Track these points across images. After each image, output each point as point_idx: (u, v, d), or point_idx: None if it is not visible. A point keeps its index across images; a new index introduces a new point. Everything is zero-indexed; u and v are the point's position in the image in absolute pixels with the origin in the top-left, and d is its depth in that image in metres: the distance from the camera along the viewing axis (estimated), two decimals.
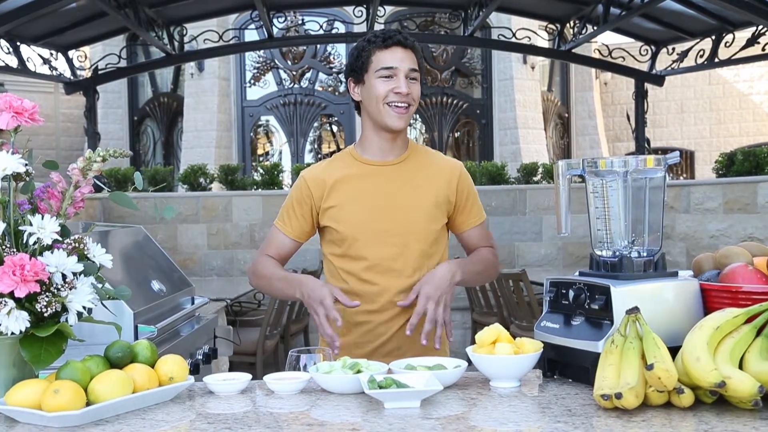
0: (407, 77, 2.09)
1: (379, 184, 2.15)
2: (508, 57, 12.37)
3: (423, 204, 2.14)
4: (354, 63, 2.15)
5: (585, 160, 1.72)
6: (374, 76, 2.10)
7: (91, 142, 7.96)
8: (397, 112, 2.10)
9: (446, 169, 2.21)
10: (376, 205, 2.13)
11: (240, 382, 1.66)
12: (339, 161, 2.23)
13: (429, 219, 2.15)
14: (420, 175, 2.18)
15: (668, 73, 8.51)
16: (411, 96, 2.10)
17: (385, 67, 2.09)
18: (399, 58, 2.09)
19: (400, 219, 2.13)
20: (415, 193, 2.15)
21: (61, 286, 1.45)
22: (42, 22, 6.76)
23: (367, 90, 2.13)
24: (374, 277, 2.11)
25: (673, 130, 15.18)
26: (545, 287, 1.77)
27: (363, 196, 2.14)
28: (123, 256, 2.81)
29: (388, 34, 2.12)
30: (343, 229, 2.14)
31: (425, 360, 1.74)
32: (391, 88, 2.08)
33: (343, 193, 2.16)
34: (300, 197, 2.20)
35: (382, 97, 2.09)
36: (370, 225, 2.12)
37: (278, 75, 13.02)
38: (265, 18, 7.50)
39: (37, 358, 1.44)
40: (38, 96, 12.48)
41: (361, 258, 2.12)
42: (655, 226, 1.71)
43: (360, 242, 2.12)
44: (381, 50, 2.10)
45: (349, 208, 2.14)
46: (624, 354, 1.48)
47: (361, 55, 2.12)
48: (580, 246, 7.62)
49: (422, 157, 2.22)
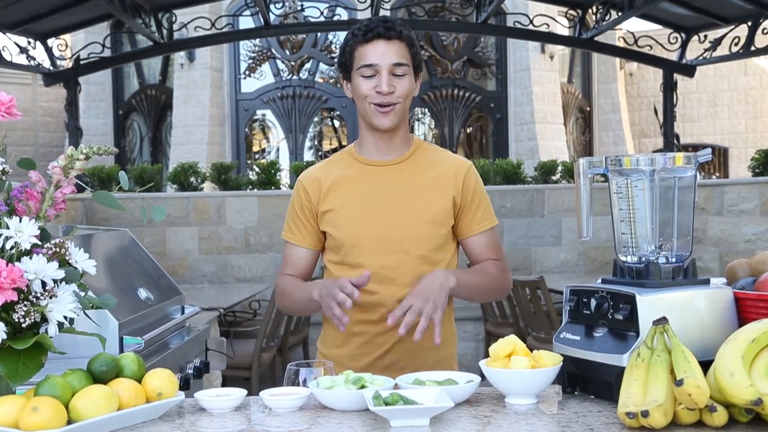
0: (391, 73, 2.08)
1: (378, 186, 2.16)
2: (524, 46, 12.36)
3: (425, 207, 2.14)
4: (341, 59, 2.16)
5: (608, 158, 1.72)
6: (357, 74, 2.11)
7: (73, 139, 7.98)
8: (381, 111, 2.10)
9: (452, 168, 2.19)
10: (374, 209, 2.14)
11: (234, 398, 1.66)
12: (337, 161, 2.24)
13: (432, 223, 2.14)
14: (423, 175, 2.17)
15: (700, 62, 8.49)
16: (395, 94, 2.09)
17: (366, 65, 2.08)
18: (380, 53, 2.07)
19: (399, 224, 2.12)
20: (416, 196, 2.14)
21: (40, 294, 1.46)
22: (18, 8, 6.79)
23: (354, 88, 2.14)
24: (373, 286, 2.10)
25: (704, 124, 15.15)
26: (565, 295, 1.77)
27: (361, 200, 2.15)
28: (107, 261, 2.82)
29: (369, 25, 2.10)
30: (340, 235, 2.14)
31: (435, 374, 1.74)
32: (373, 87, 2.08)
33: (339, 195, 2.16)
34: (300, 203, 2.21)
35: (364, 97, 2.10)
36: (367, 231, 2.13)
37: (275, 65, 13.04)
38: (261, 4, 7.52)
39: (14, 373, 1.45)
40: (14, 88, 12.51)
41: (359, 266, 2.12)
42: (685, 230, 1.71)
43: (357, 249, 2.13)
44: (362, 45, 2.09)
45: (345, 213, 2.15)
46: (651, 368, 1.48)
47: (345, 50, 2.13)
48: (602, 251, 7.61)
49: (426, 156, 2.21)
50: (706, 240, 7.34)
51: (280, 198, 7.65)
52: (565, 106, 13.28)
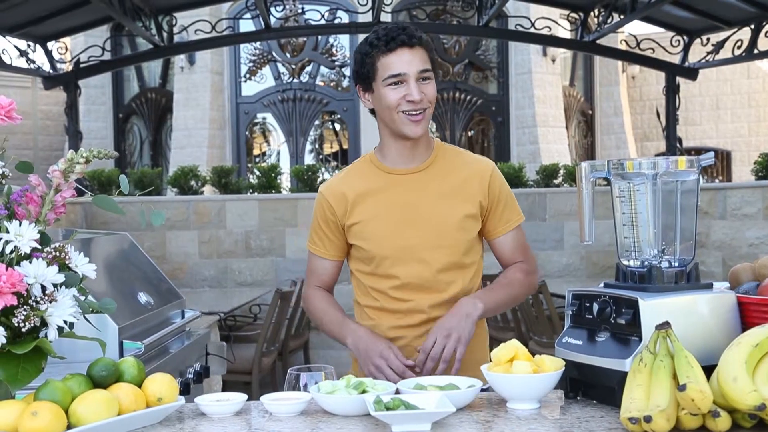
0: (419, 79, 2.07)
1: (404, 196, 2.15)
2: (526, 49, 12.37)
3: (453, 214, 2.14)
4: (360, 70, 2.13)
5: (611, 162, 1.72)
6: (383, 85, 2.09)
7: (73, 142, 7.99)
8: (414, 120, 2.09)
9: (476, 171, 2.19)
10: (402, 220, 2.14)
11: (234, 403, 1.66)
12: (358, 171, 2.24)
13: (460, 230, 2.15)
14: (448, 181, 2.17)
15: (702, 65, 8.49)
16: (426, 99, 2.08)
17: (393, 75, 2.07)
18: (407, 61, 2.07)
19: (429, 233, 2.13)
20: (443, 203, 2.14)
21: (40, 298, 1.46)
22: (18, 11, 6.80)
23: (378, 99, 2.12)
24: (406, 295, 2.14)
25: (707, 128, 15.15)
26: (567, 300, 1.77)
27: (388, 211, 2.15)
28: (107, 265, 2.82)
29: (390, 34, 2.08)
30: (370, 248, 2.15)
31: (436, 379, 1.74)
32: (403, 96, 2.07)
33: (366, 208, 2.16)
34: (324, 217, 2.22)
35: (394, 107, 2.08)
36: (397, 242, 2.13)
37: (276, 69, 13.05)
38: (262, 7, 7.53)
39: (14, 377, 1.45)
40: (14, 91, 12.53)
41: (392, 277, 2.15)
42: (688, 234, 1.71)
43: (389, 260, 2.14)
44: (385, 55, 2.07)
45: (374, 225, 2.15)
46: (654, 373, 1.48)
47: (366, 61, 2.10)
48: (605, 255, 7.61)
49: (450, 160, 2.20)
50: (709, 244, 7.34)
51: (280, 202, 7.65)
52: (567, 109, 13.28)
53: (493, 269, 2.43)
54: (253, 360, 5.48)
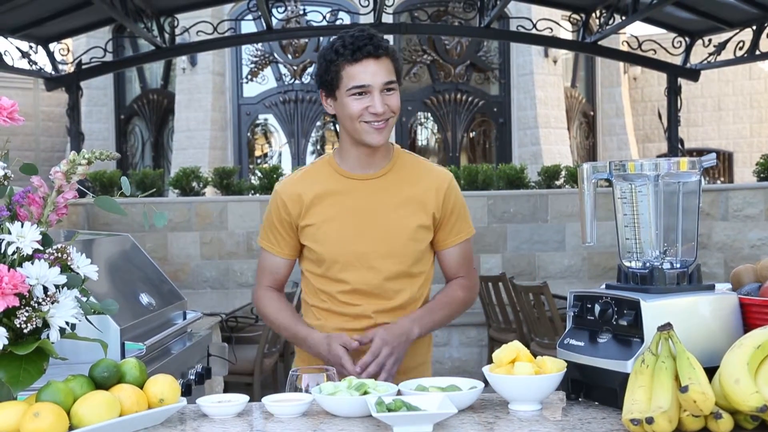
0: (383, 91, 2.06)
1: (359, 202, 2.16)
2: (528, 50, 12.37)
3: (406, 223, 2.15)
4: (323, 76, 2.11)
5: (612, 163, 1.72)
6: (346, 94, 2.07)
7: (74, 143, 7.99)
8: (375, 128, 2.08)
9: (434, 182, 2.20)
10: (355, 225, 2.15)
11: (236, 404, 1.66)
12: (316, 172, 2.23)
13: (412, 240, 2.16)
14: (404, 190, 2.17)
15: (704, 66, 8.49)
16: (389, 111, 2.08)
17: (357, 86, 2.05)
18: (372, 72, 2.05)
19: (381, 241, 2.14)
20: (398, 212, 2.16)
21: (42, 299, 1.46)
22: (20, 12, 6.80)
23: (340, 106, 2.11)
24: (353, 300, 2.16)
25: (709, 129, 15.14)
26: (569, 301, 1.77)
27: (342, 215, 2.15)
28: (109, 266, 2.82)
29: (357, 43, 2.05)
30: (322, 251, 2.16)
31: (438, 380, 1.74)
32: (366, 107, 2.06)
33: (320, 210, 2.16)
34: (279, 216, 2.21)
35: (356, 117, 2.08)
36: (349, 247, 2.14)
37: (278, 70, 13.05)
38: (264, 8, 7.53)
39: (16, 379, 1.45)
40: (16, 92, 12.55)
41: (341, 281, 2.16)
42: (690, 235, 1.71)
43: (339, 265, 2.15)
44: (351, 65, 2.05)
45: (327, 229, 2.16)
46: (656, 375, 1.48)
47: (330, 68, 2.08)
48: (606, 256, 7.60)
49: (407, 169, 2.21)
50: (710, 245, 7.33)
51: None
52: (569, 110, 13.27)
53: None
54: (255, 361, 5.48)
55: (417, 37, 12.44)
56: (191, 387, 2.75)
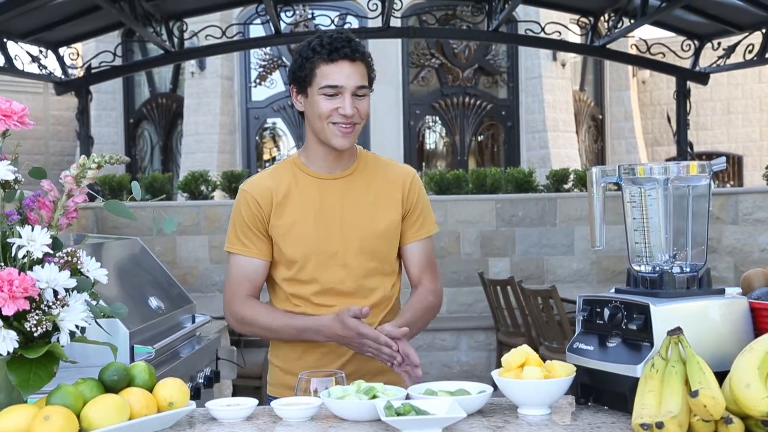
0: (354, 94, 2.08)
1: (328, 201, 2.16)
2: (536, 53, 12.36)
3: (376, 220, 2.16)
4: (297, 72, 2.12)
5: (621, 167, 1.72)
6: (317, 92, 2.08)
7: (84, 147, 8.02)
8: (342, 132, 2.09)
9: (397, 178, 2.22)
10: (327, 224, 2.14)
11: (245, 407, 1.67)
12: (283, 171, 2.21)
13: (383, 236, 2.17)
14: (370, 188, 2.19)
15: (713, 70, 8.46)
16: (357, 115, 2.09)
17: (330, 86, 2.07)
18: (346, 74, 2.07)
19: (352, 239, 2.14)
20: (367, 210, 2.16)
21: (52, 303, 1.46)
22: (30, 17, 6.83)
23: (310, 104, 2.12)
24: (328, 300, 2.15)
25: (718, 132, 15.10)
26: (578, 305, 1.77)
27: (312, 215, 2.15)
28: (118, 270, 2.83)
29: (335, 44, 2.07)
30: (292, 252, 2.14)
31: (447, 385, 1.74)
32: (335, 108, 2.07)
33: (289, 210, 2.15)
34: (251, 214, 2.16)
35: (325, 117, 2.09)
36: (320, 246, 2.13)
37: (286, 74, 13.06)
38: (272, 12, 7.55)
39: (26, 382, 1.45)
40: (26, 97, 12.60)
41: (312, 281, 2.15)
42: (699, 239, 1.71)
43: (311, 265, 2.13)
44: (326, 64, 2.07)
45: (297, 229, 2.14)
46: (665, 379, 1.47)
47: (305, 65, 2.09)
48: (615, 260, 7.58)
49: (371, 168, 2.22)
50: (720, 249, 7.31)
51: None
52: (577, 114, 13.25)
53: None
54: (263, 365, 5.48)
55: (425, 41, 12.45)
56: (200, 390, 2.75)
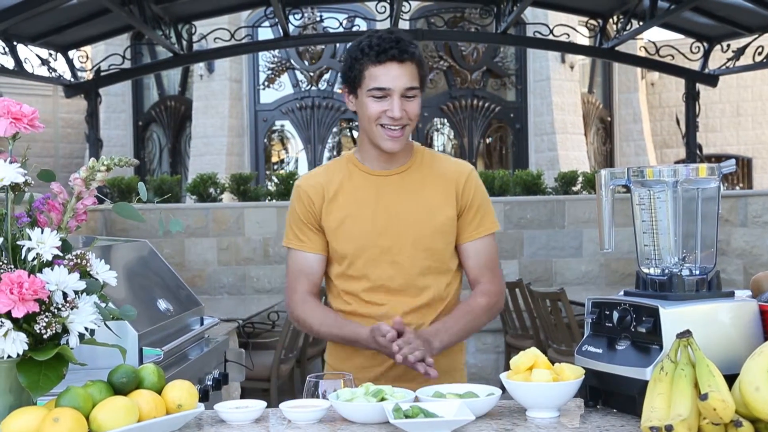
0: (403, 96, 2.05)
1: (381, 197, 2.14)
2: (544, 56, 12.35)
3: (429, 217, 2.13)
4: (347, 72, 2.12)
5: (630, 169, 1.72)
6: (366, 94, 2.07)
7: (93, 150, 8.05)
8: (391, 136, 2.07)
9: (453, 174, 2.18)
10: (379, 220, 2.13)
11: (254, 410, 1.67)
12: (337, 168, 2.21)
13: (436, 233, 2.14)
14: (426, 185, 2.16)
15: (722, 72, 8.44)
16: (406, 117, 2.07)
17: (378, 88, 2.05)
18: (394, 76, 2.04)
19: (405, 235, 2.12)
20: (420, 206, 2.14)
21: (61, 305, 1.47)
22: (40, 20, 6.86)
23: (360, 105, 2.11)
24: (378, 298, 2.13)
25: (727, 135, 15.05)
26: (587, 308, 1.76)
27: (364, 211, 2.14)
28: (127, 272, 2.84)
29: (383, 46, 2.05)
30: (343, 247, 2.14)
31: (455, 387, 1.73)
32: (384, 110, 2.06)
33: (342, 206, 2.15)
34: (304, 210, 2.18)
35: (374, 119, 2.07)
36: (371, 242, 2.12)
37: (294, 76, 13.10)
38: (281, 14, 7.56)
39: (36, 384, 1.46)
40: (36, 99, 12.66)
41: (363, 277, 2.13)
42: (709, 242, 1.70)
43: (361, 261, 2.13)
44: (374, 65, 2.05)
45: (349, 224, 2.13)
46: (675, 382, 1.47)
47: (354, 66, 2.08)
48: (624, 263, 7.56)
49: (428, 165, 2.20)
50: (730, 252, 7.28)
51: None
52: (586, 116, 13.23)
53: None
54: (272, 367, 5.49)
55: (433, 44, 12.45)
56: (208, 393, 2.75)
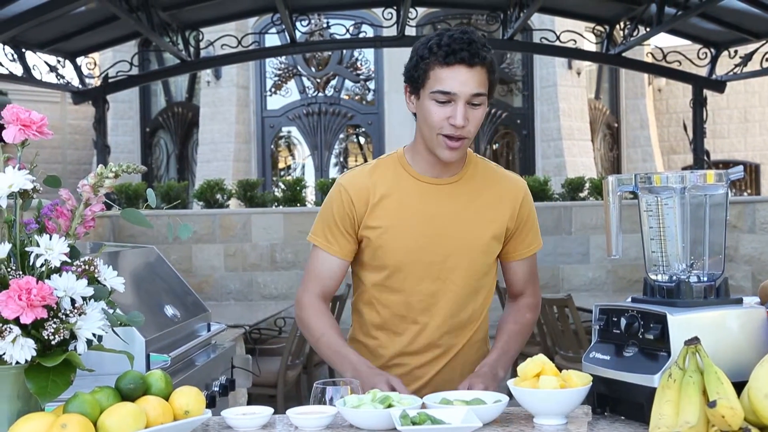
0: (468, 103, 1.91)
1: (431, 208, 2.01)
2: (551, 62, 12.35)
3: (479, 234, 2.03)
4: (411, 70, 1.96)
5: (638, 176, 1.71)
6: (429, 97, 1.92)
7: (101, 156, 8.08)
8: (450, 146, 1.93)
9: (509, 191, 2.08)
10: (424, 233, 2.00)
11: (261, 416, 1.67)
12: (385, 169, 2.06)
13: (483, 252, 2.05)
14: (479, 198, 2.05)
15: (730, 78, 8.42)
16: (468, 128, 1.92)
17: (442, 91, 1.90)
18: (461, 81, 1.89)
19: (450, 251, 2.01)
20: (471, 221, 2.02)
21: (69, 311, 1.47)
22: (48, 28, 6.89)
23: (421, 108, 1.96)
24: (413, 314, 2.04)
25: (735, 141, 15.01)
26: (594, 315, 1.76)
27: (410, 221, 2.01)
28: (134, 278, 2.84)
29: (453, 47, 1.88)
30: (383, 258, 2.02)
31: (462, 394, 1.73)
32: (446, 117, 1.91)
33: (387, 213, 2.01)
34: (342, 211, 2.03)
35: (435, 126, 1.93)
36: (416, 256, 2.00)
37: (301, 83, 13.13)
38: (288, 21, 7.58)
39: (44, 390, 1.46)
40: (44, 106, 12.70)
41: (401, 291, 2.03)
42: (717, 248, 1.69)
43: (402, 274, 2.01)
44: (441, 67, 1.89)
45: (394, 234, 2.01)
46: (683, 389, 1.46)
47: (419, 65, 1.93)
48: (631, 269, 7.54)
49: (482, 175, 2.08)
50: (738, 258, 7.26)
51: (305, 215, 7.67)
52: (593, 122, 13.22)
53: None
54: (278, 373, 5.49)
55: None
56: (215, 399, 2.75)
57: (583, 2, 8.06)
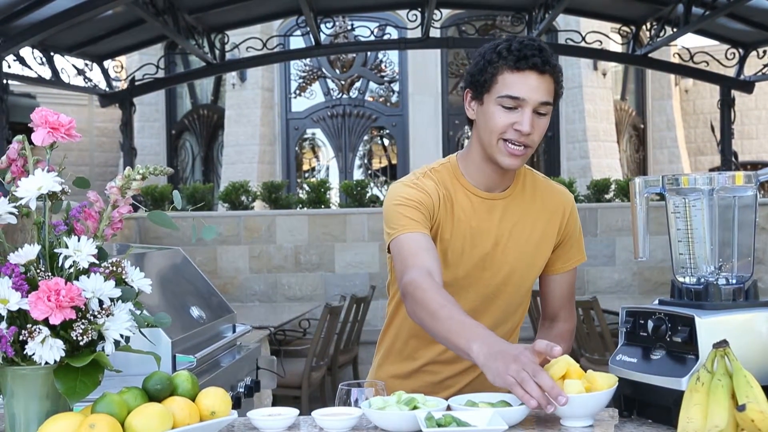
0: (535, 111, 1.85)
1: (484, 223, 1.97)
2: (576, 63, 12.29)
3: (526, 251, 2.00)
4: (476, 75, 1.90)
5: (665, 177, 1.70)
6: (495, 102, 1.86)
7: (127, 158, 8.16)
8: (512, 152, 1.87)
9: (558, 206, 2.05)
10: (472, 247, 1.96)
11: (287, 417, 1.67)
12: (446, 178, 1.99)
13: (529, 269, 2.02)
14: (529, 216, 2.00)
15: (758, 78, 8.34)
16: (533, 136, 1.87)
17: (511, 96, 1.84)
18: (531, 87, 1.84)
19: (499, 269, 1.98)
20: (520, 238, 1.99)
21: (97, 312, 1.48)
22: (76, 31, 6.98)
23: (484, 114, 1.90)
24: None
25: (764, 141, 14.84)
26: (621, 317, 1.75)
27: (465, 234, 1.96)
28: (160, 280, 2.86)
29: (524, 51, 1.84)
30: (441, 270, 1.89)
31: (487, 396, 1.72)
32: (512, 123, 1.85)
33: (441, 223, 1.95)
34: (420, 199, 1.91)
35: (498, 131, 1.87)
36: (464, 271, 1.96)
37: (325, 85, 13.17)
38: (312, 24, 7.61)
39: (72, 390, 1.47)
40: (71, 109, 12.84)
41: None
42: (746, 250, 1.68)
43: (452, 288, 1.89)
44: (511, 72, 1.84)
45: (447, 245, 1.95)
46: (711, 393, 1.45)
47: (487, 69, 1.87)
48: (657, 271, 7.48)
49: (530, 191, 2.03)
50: (767, 261, 7.17)
51: (330, 217, 7.69)
52: (619, 123, 13.13)
53: None
54: (303, 374, 5.51)
55: (464, 51, 12.44)
56: (240, 400, 2.76)
57: (609, 3, 8.01)
